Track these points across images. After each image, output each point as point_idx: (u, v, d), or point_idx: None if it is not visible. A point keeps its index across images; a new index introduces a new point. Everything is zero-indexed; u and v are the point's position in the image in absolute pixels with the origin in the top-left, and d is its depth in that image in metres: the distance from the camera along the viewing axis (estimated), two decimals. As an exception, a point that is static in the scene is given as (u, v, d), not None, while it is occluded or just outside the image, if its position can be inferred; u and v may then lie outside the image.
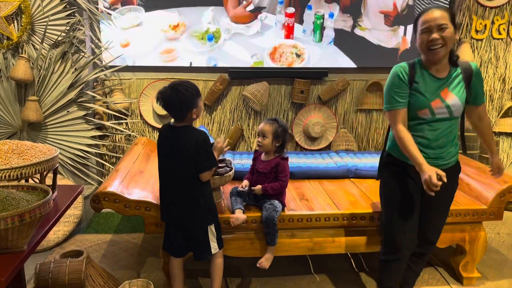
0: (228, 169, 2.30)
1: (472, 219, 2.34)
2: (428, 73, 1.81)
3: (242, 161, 2.97)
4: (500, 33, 3.42)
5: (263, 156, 2.29)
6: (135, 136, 3.38)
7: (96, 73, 3.18)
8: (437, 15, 1.71)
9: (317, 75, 3.46)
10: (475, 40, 3.42)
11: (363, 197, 2.51)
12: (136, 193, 2.16)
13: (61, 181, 3.03)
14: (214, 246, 2.01)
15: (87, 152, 3.23)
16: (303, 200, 2.44)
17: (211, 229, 1.99)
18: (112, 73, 3.33)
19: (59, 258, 1.87)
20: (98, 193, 2.05)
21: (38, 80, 3.04)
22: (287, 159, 2.25)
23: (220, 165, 2.32)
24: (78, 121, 3.18)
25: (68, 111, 3.15)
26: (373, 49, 3.47)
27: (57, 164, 1.69)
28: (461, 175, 2.06)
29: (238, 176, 2.50)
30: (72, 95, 3.09)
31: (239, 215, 2.14)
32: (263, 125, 2.24)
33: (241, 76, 3.42)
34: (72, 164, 3.20)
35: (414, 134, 1.83)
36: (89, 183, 3.27)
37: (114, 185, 2.13)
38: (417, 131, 1.84)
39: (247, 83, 3.45)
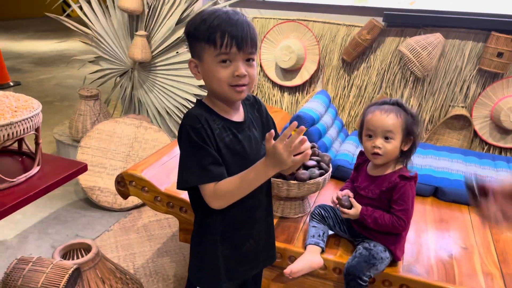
0: (317, 172, 1.42)
1: None
2: None
3: (357, 149, 1.99)
4: None
5: (370, 168, 1.30)
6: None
7: (208, 6, 2.56)
8: None
9: (535, 28, 2.08)
10: None
11: None
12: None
13: (158, 133, 2.60)
14: None
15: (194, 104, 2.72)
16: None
17: None
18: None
19: (52, 257, 1.40)
20: (124, 174, 1.48)
21: (148, 12, 2.60)
22: (413, 178, 1.21)
23: (308, 163, 1.45)
24: (186, 65, 2.66)
25: (177, 52, 2.66)
26: None
27: (39, 125, 1.15)
28: None
29: (343, 176, 1.57)
30: (180, 32, 2.56)
31: (311, 258, 1.27)
32: (380, 114, 1.20)
33: (401, 22, 2.30)
34: (178, 114, 2.76)
35: None
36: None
37: (150, 168, 1.52)
38: None
39: (410, 33, 2.31)
